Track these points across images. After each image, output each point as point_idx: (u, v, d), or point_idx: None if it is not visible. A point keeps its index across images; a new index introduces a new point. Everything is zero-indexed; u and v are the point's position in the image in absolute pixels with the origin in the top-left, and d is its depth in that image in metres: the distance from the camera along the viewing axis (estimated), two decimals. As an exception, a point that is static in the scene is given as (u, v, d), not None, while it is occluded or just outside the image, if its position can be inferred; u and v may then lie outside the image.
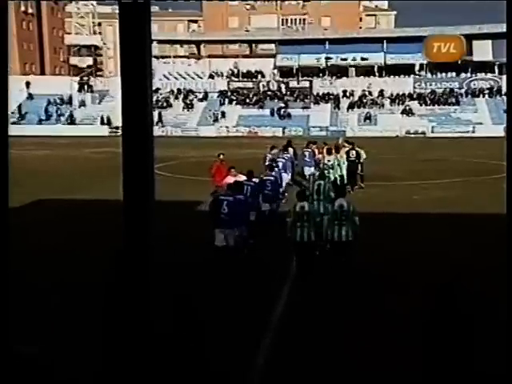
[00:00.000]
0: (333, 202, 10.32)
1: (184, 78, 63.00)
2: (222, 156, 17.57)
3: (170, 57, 63.51)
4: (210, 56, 64.70)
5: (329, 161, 17.85)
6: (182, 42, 70.18)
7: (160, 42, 62.11)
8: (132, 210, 4.61)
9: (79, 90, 61.00)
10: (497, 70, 56.61)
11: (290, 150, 20.38)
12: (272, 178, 13.51)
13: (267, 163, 16.58)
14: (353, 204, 10.04)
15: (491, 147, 26.11)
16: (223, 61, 63.85)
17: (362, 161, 19.94)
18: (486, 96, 55.26)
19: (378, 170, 22.42)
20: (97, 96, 60.24)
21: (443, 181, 21.91)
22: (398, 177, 22.90)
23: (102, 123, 55.06)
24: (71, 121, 56.74)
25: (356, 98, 57.35)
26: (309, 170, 18.48)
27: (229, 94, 59.97)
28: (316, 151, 20.02)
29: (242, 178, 13.26)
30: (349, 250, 9.85)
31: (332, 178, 14.82)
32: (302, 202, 10.00)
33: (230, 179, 13.32)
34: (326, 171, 15.09)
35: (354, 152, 19.74)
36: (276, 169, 15.17)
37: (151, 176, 4.59)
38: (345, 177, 17.84)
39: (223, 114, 56.48)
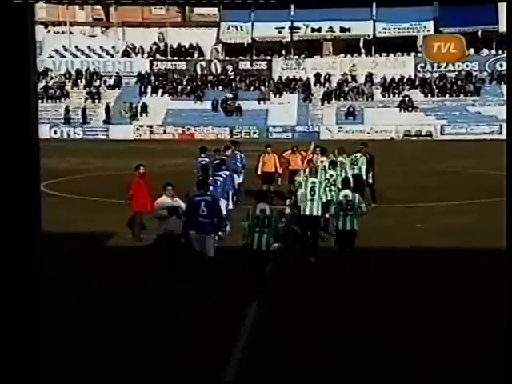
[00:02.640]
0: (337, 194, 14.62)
1: (86, 56, 62.81)
2: (142, 168, 17.62)
3: (64, 24, 63.22)
4: (123, 24, 64.69)
5: (331, 176, 18.08)
6: (82, 3, 69.85)
7: (49, 1, 61.77)
8: (9, 248, 4.60)
9: None
10: (532, 46, 58.78)
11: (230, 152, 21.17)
12: (208, 198, 13.62)
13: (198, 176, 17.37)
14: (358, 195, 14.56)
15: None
16: (143, 31, 64.00)
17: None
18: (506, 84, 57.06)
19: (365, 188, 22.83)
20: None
21: (456, 202, 22.54)
22: (395, 197, 23.48)
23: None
24: None
25: (334, 85, 58.37)
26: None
27: (152, 78, 60.10)
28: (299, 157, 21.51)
29: (180, 203, 14.05)
30: (353, 240, 14.19)
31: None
32: (263, 205, 12.49)
33: (165, 201, 13.88)
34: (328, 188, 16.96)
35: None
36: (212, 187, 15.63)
37: (36, 198, 4.59)
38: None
39: (144, 108, 56.50)
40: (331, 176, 17.85)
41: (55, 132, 52.57)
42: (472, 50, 58.78)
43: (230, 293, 12.71)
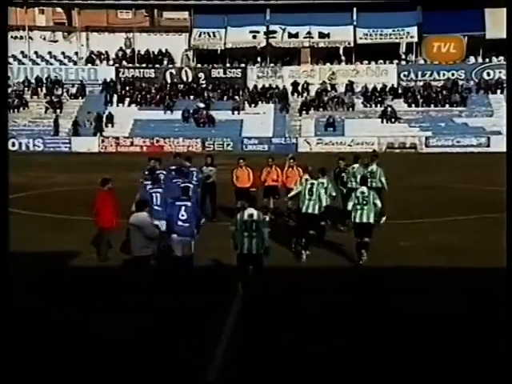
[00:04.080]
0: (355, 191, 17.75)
1: (47, 62, 62.73)
2: (110, 183, 17.74)
3: (23, 28, 63.10)
4: (87, 28, 64.70)
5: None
6: (42, 5, 69.80)
7: (7, 3, 61.59)
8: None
9: None
10: (520, 54, 59.41)
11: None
12: (188, 204, 15.24)
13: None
14: (373, 191, 17.61)
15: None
16: (109, 36, 64.10)
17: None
18: (506, 91, 57.64)
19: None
20: None
21: (442, 219, 22.81)
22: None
23: None
24: None
25: (312, 95, 58.77)
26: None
27: (118, 87, 60.12)
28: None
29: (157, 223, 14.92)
30: (370, 231, 17.21)
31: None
32: (250, 210, 14.38)
33: (142, 218, 14.20)
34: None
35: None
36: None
37: (4, 217, 4.65)
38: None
39: (110, 118, 56.47)
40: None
41: (13, 144, 52.33)
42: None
43: (210, 297, 13.97)
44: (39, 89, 60.28)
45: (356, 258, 17.29)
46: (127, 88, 60.01)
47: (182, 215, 14.67)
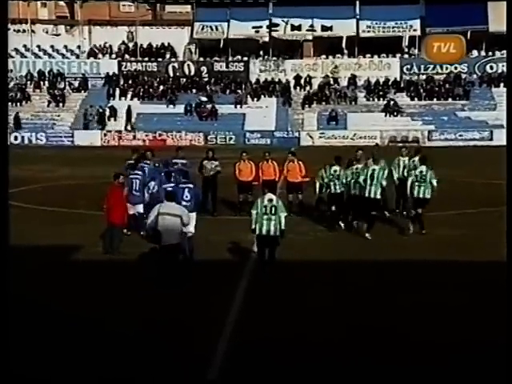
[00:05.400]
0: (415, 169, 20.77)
1: (49, 56, 62.73)
2: (121, 178, 17.97)
3: (25, 22, 63.10)
4: (89, 22, 64.69)
5: (335, 171, 20.76)
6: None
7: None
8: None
9: None
10: (524, 47, 59.31)
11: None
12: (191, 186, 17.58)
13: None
14: (431, 170, 20.14)
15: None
16: (111, 30, 64.12)
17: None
18: (506, 85, 57.61)
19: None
20: None
21: (445, 213, 22.78)
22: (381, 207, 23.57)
23: None
24: None
25: (315, 88, 58.73)
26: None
27: (121, 81, 60.12)
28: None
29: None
30: (425, 205, 19.93)
31: None
32: (270, 195, 15.91)
33: (177, 207, 14.97)
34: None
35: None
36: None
37: (4, 211, 4.67)
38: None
39: (113, 112, 56.47)
40: (335, 171, 20.71)
41: (15, 138, 52.37)
42: (461, 51, 59.54)
43: (212, 291, 14.17)
44: (41, 82, 60.29)
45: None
46: (129, 82, 60.01)
47: (186, 196, 16.81)
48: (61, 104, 58.28)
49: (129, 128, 55.13)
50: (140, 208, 19.20)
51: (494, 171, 30.51)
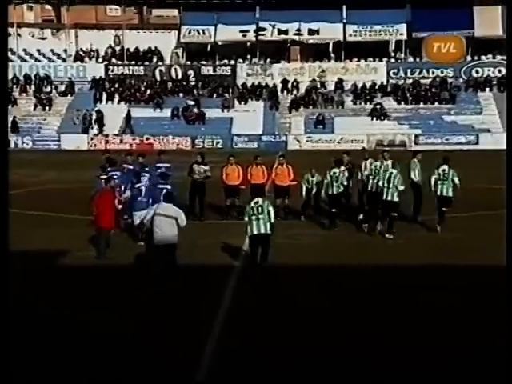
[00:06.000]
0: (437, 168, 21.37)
1: (36, 60, 62.60)
2: (113, 182, 18.08)
3: (11, 25, 62.84)
4: (76, 25, 64.60)
5: (334, 173, 21.32)
6: (32, 1, 69.58)
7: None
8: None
9: None
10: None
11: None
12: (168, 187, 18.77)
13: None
14: (453, 169, 20.95)
15: (504, 165, 27.52)
16: (98, 33, 64.01)
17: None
18: (495, 89, 57.98)
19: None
20: None
21: (432, 217, 22.83)
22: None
23: None
24: None
25: (302, 92, 58.85)
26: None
27: (108, 84, 60.03)
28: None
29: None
30: (450, 203, 21.18)
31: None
32: (257, 198, 16.82)
33: (175, 208, 15.32)
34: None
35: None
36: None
37: (4, 217, 4.68)
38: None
39: (99, 116, 56.37)
40: (334, 173, 21.23)
41: (2, 142, 52.22)
42: (447, 56, 59.83)
43: (200, 293, 14.41)
44: (28, 86, 60.11)
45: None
46: (116, 85, 59.91)
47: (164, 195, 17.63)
48: (47, 108, 58.13)
49: (127, 131, 54.92)
50: None
51: (481, 175, 30.78)
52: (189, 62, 61.66)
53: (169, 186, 18.74)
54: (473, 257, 17.49)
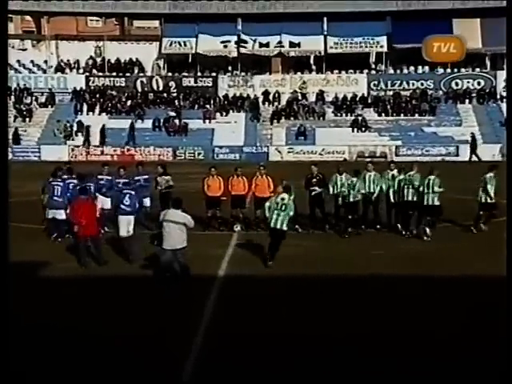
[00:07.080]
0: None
1: (16, 71, 62.39)
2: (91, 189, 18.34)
3: (-8, 37, 62.69)
4: (57, 37, 64.47)
5: (282, 199, 18.92)
6: (11, 12, 69.27)
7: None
8: None
9: None
10: (489, 64, 60.08)
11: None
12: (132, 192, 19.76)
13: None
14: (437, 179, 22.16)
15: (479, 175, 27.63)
16: (79, 45, 63.90)
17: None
18: (474, 101, 58.51)
19: (316, 212, 23.19)
20: None
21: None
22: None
23: None
24: None
25: (283, 104, 59.00)
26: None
27: (88, 96, 59.91)
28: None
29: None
30: (436, 212, 22.26)
31: None
32: (283, 195, 18.31)
33: (183, 214, 16.21)
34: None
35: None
36: None
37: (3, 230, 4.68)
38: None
39: (80, 127, 56.25)
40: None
41: (-18, 153, 51.99)
42: (427, 68, 60.16)
43: (182, 305, 14.52)
44: (8, 97, 59.87)
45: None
46: (97, 97, 59.82)
47: (127, 201, 19.02)
48: (27, 119, 57.96)
49: (131, 144, 54.76)
50: (62, 213, 20.77)
51: (461, 186, 30.93)
52: (170, 74, 61.71)
53: (132, 192, 19.52)
54: (449, 268, 17.59)
